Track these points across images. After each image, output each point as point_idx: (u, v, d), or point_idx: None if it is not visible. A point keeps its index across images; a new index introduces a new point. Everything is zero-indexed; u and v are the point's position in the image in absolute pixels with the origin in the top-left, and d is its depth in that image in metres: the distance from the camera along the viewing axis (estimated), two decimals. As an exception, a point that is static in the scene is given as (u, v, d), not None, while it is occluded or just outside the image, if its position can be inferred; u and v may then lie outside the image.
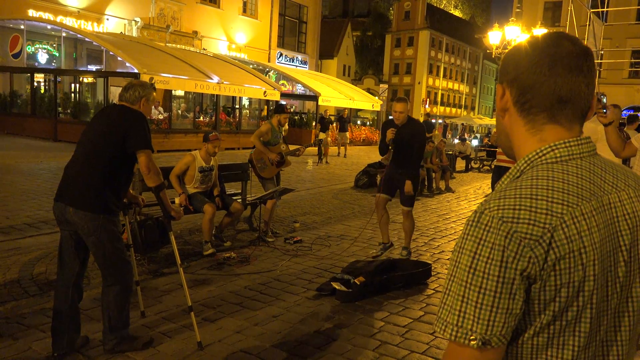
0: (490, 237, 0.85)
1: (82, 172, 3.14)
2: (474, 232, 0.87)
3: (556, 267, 0.84)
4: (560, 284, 0.85)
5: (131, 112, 3.26)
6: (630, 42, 27.51)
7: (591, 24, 14.38)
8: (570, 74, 0.94)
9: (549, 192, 0.87)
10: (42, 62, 18.51)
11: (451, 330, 0.86)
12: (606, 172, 0.95)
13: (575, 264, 0.85)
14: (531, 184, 0.90)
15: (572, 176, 0.91)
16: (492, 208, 0.88)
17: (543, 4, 31.50)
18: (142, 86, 3.33)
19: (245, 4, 27.25)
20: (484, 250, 0.85)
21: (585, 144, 0.96)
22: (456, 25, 60.08)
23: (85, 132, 3.27)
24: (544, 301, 0.86)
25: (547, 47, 0.96)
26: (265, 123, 6.68)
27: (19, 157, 12.07)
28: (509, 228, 0.84)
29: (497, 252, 0.84)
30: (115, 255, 3.16)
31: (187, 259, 5.30)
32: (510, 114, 1.01)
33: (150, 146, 3.25)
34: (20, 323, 3.62)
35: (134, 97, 3.29)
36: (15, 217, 6.56)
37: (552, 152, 0.94)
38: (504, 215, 0.85)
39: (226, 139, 17.65)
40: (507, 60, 1.02)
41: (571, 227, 0.85)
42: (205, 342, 3.48)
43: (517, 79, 0.98)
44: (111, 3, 20.79)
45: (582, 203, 0.88)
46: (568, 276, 0.85)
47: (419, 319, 4.11)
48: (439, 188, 11.67)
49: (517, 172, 0.97)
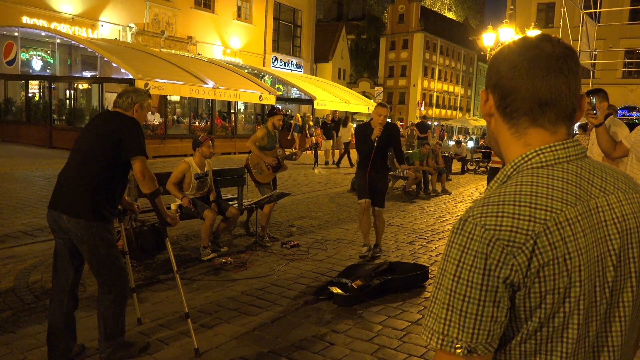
0: (473, 245, 0.85)
1: (75, 179, 3.12)
2: (458, 239, 0.87)
3: (540, 274, 0.83)
4: (545, 291, 0.84)
5: (125, 118, 3.24)
6: (623, 43, 27.66)
7: (584, 24, 14.45)
8: (549, 75, 0.93)
9: (533, 198, 0.87)
10: (37, 69, 18.47)
11: (437, 339, 0.86)
12: (594, 175, 0.94)
13: (560, 270, 0.84)
14: (515, 190, 0.89)
15: (557, 181, 0.90)
16: (475, 215, 0.87)
17: (536, 5, 31.68)
18: (135, 92, 3.31)
19: (240, 8, 27.28)
20: (468, 258, 0.85)
21: (572, 147, 0.95)
22: (450, 28, 60.29)
23: (78, 139, 3.25)
24: (530, 308, 0.85)
25: (527, 50, 0.95)
26: (261, 128, 6.67)
27: (14, 164, 12.02)
28: (492, 236, 0.84)
29: (480, 260, 0.84)
30: (110, 262, 3.14)
31: (184, 265, 5.28)
32: (495, 119, 1.01)
33: (145, 152, 3.23)
34: (16, 332, 3.59)
35: (127, 104, 3.27)
36: (11, 225, 6.53)
37: (537, 157, 0.93)
38: (487, 223, 0.85)
39: (222, 143, 17.64)
40: (490, 65, 1.02)
41: (555, 234, 0.84)
42: (202, 348, 3.46)
43: (498, 84, 0.98)
44: (105, 9, 20.78)
45: (567, 208, 0.87)
46: (553, 283, 0.84)
47: (417, 322, 4.10)
48: (435, 190, 11.68)
49: (504, 177, 0.96)
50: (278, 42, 30.64)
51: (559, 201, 0.87)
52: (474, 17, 73.44)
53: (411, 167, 11.13)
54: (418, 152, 11.93)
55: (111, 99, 18.22)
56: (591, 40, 15.48)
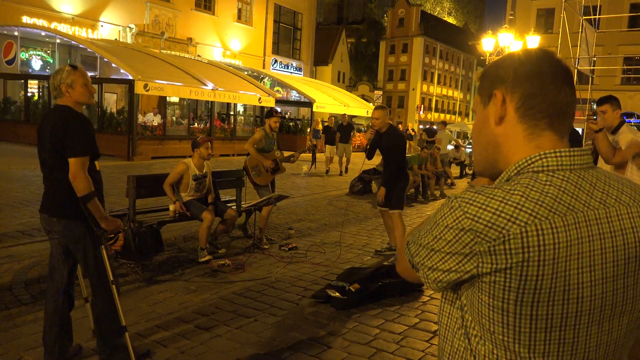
0: (449, 221, 0.92)
1: (50, 181, 3.08)
2: (443, 210, 0.94)
3: (508, 271, 0.86)
4: (510, 288, 0.87)
5: (65, 116, 2.96)
6: (622, 49, 27.75)
7: (583, 30, 14.50)
8: (566, 87, 0.97)
9: (522, 199, 0.88)
10: (36, 69, 18.47)
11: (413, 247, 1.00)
12: (595, 187, 0.93)
13: (530, 273, 0.85)
14: (509, 188, 0.90)
15: (552, 188, 0.89)
16: (464, 198, 0.91)
17: (536, 11, 31.77)
18: (55, 75, 2.99)
19: (240, 10, 27.33)
20: (443, 227, 0.93)
21: (579, 156, 0.94)
22: (450, 32, 60.43)
23: (38, 141, 3.09)
24: (514, 301, 0.88)
25: (543, 61, 0.98)
26: (259, 130, 6.66)
27: (12, 163, 11.99)
28: (468, 225, 0.89)
29: (450, 233, 0.91)
30: (100, 263, 3.11)
31: (181, 267, 5.26)
32: (507, 120, 1.00)
33: (84, 152, 2.95)
34: (12, 332, 3.58)
35: (54, 89, 2.99)
36: (8, 225, 6.51)
37: (539, 161, 0.94)
38: (468, 211, 0.89)
39: (221, 145, 17.63)
40: (504, 67, 1.00)
41: (532, 239, 0.85)
42: (199, 350, 3.45)
43: (520, 86, 0.98)
44: (106, 10, 20.80)
45: (554, 217, 0.87)
46: (518, 282, 0.86)
47: (415, 326, 4.09)
48: (434, 194, 11.69)
49: (507, 177, 0.97)
50: (278, 45, 30.70)
51: (548, 209, 0.87)
52: (473, 22, 73.68)
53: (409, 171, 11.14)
54: (417, 156, 11.94)
55: (110, 99, 18.36)
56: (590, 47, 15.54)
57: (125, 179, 5.59)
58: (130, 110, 15.03)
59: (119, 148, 14.88)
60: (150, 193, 5.79)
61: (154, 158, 15.30)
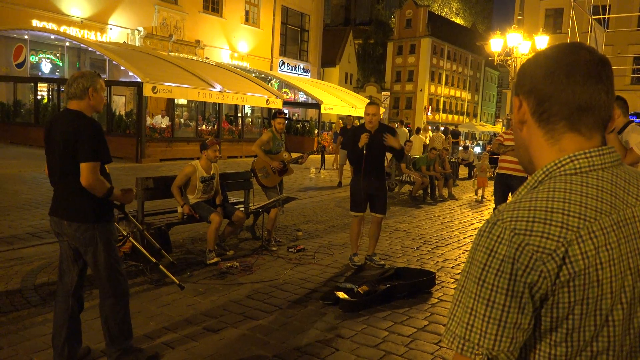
0: (501, 249, 0.83)
1: (60, 183, 3.08)
2: (485, 242, 0.86)
3: (570, 283, 0.81)
4: (574, 301, 0.82)
5: (77, 122, 2.99)
6: (632, 49, 27.51)
7: (593, 30, 14.38)
8: (589, 81, 0.92)
9: (566, 204, 0.85)
10: (46, 72, 18.61)
11: (458, 343, 0.85)
12: (630, 183, 0.92)
13: (591, 280, 0.81)
14: (547, 196, 0.87)
15: (591, 189, 0.87)
16: (505, 219, 0.86)
17: (544, 11, 31.57)
18: (84, 77, 3.07)
19: (248, 13, 27.39)
20: (494, 262, 0.83)
21: (608, 154, 0.93)
22: (458, 33, 60.22)
23: (46, 142, 3.11)
24: (557, 318, 0.83)
25: (564, 56, 0.94)
26: (267, 132, 6.66)
27: (22, 166, 12.09)
28: (521, 240, 0.82)
29: (507, 265, 0.82)
30: (109, 265, 3.12)
31: (190, 268, 5.27)
32: (528, 125, 0.99)
33: (95, 157, 2.98)
34: (22, 334, 3.60)
35: (79, 90, 3.03)
36: (18, 227, 6.56)
37: (571, 163, 0.91)
38: (517, 227, 0.83)
39: (229, 147, 17.68)
40: (523, 72, 1.00)
41: (587, 242, 0.82)
42: (208, 352, 3.45)
43: (534, 89, 0.96)
44: (114, 13, 20.93)
45: (601, 217, 0.84)
46: (582, 293, 0.82)
47: (424, 329, 4.07)
48: (442, 196, 11.65)
49: (535, 182, 0.94)
50: (285, 47, 30.73)
51: (593, 209, 0.85)
52: (481, 22, 73.34)
53: (417, 172, 11.11)
54: (425, 157, 11.90)
55: (119, 101, 18.46)
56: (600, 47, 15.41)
57: (134, 181, 5.61)
58: (139, 112, 15.11)
59: (128, 150, 14.96)
60: (159, 195, 5.80)
61: (163, 160, 15.37)
